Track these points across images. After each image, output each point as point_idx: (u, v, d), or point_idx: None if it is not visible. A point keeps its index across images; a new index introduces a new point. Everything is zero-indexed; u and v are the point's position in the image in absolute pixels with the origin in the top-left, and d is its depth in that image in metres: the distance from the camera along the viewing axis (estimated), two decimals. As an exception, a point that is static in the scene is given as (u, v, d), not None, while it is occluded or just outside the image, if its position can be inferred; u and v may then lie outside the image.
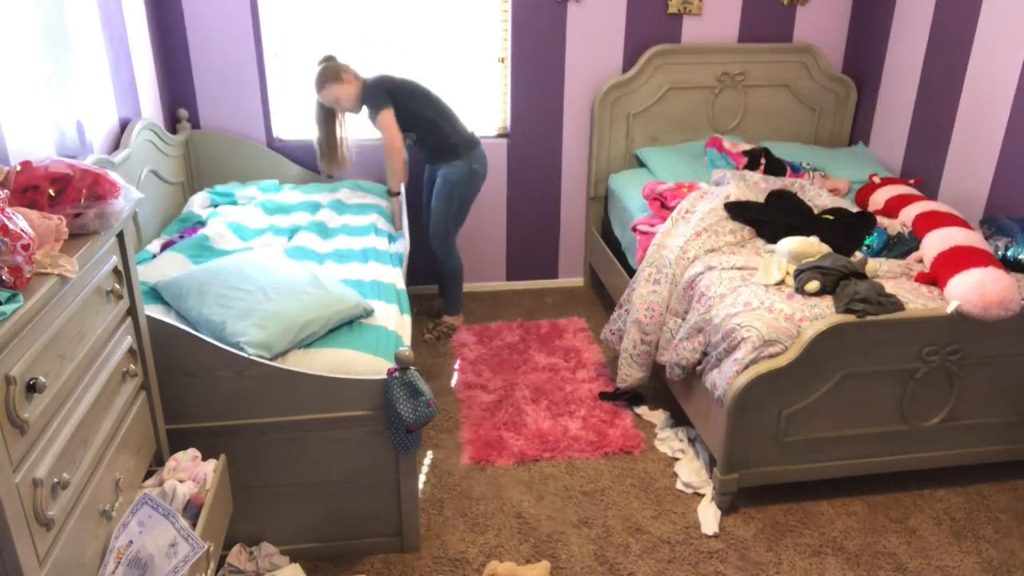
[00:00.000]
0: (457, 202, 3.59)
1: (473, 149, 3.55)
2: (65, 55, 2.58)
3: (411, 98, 3.44)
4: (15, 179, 1.58)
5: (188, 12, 3.62)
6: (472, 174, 3.56)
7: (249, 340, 2.20)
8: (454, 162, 3.52)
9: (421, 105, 3.45)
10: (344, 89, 3.41)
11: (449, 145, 3.51)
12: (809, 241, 2.77)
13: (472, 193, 3.63)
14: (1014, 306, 2.46)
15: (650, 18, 3.96)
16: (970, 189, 3.40)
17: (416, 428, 2.25)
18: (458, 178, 3.54)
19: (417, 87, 3.49)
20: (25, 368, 1.32)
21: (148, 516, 1.74)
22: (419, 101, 3.45)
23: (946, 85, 3.52)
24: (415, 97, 3.45)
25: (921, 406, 2.61)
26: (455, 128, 3.52)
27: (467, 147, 3.53)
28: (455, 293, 3.83)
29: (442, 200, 3.58)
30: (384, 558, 2.45)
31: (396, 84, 3.45)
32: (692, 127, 4.14)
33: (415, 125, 3.47)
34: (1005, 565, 2.45)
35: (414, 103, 3.44)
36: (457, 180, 3.54)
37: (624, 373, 3.09)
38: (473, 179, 3.58)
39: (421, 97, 3.46)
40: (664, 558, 2.46)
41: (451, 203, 3.58)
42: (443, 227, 3.63)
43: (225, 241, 3.01)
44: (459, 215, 3.66)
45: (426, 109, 3.45)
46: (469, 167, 3.53)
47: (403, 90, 3.44)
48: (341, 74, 3.40)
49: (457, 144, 3.51)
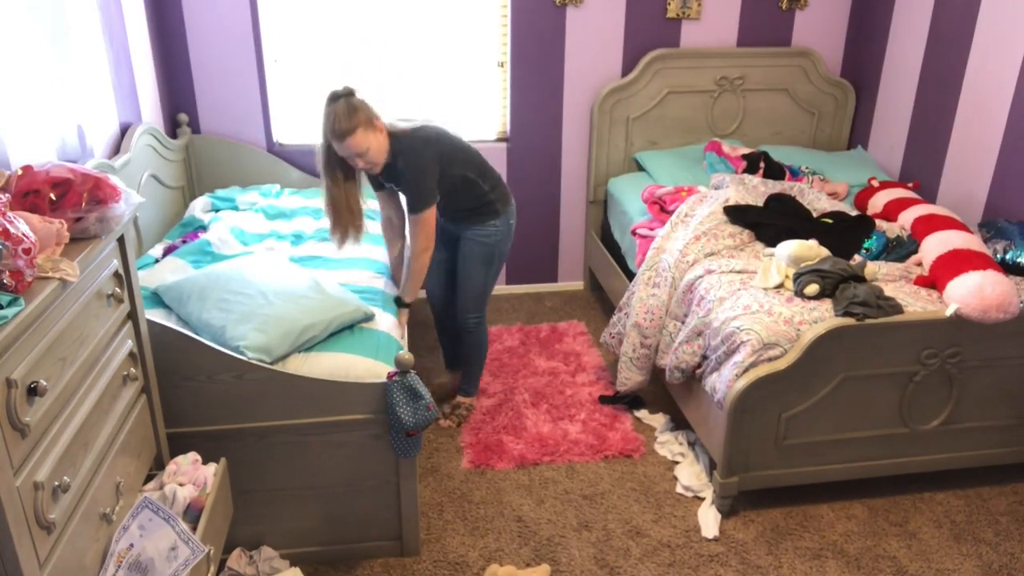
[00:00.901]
0: (497, 264, 3.00)
1: (509, 202, 2.95)
2: (66, 60, 2.59)
3: (455, 163, 2.76)
4: (16, 183, 1.58)
5: (188, 17, 3.63)
6: (509, 229, 2.98)
7: (249, 344, 2.20)
8: (493, 221, 2.89)
9: (463, 167, 2.78)
10: (375, 140, 2.59)
11: (486, 203, 2.87)
12: (808, 244, 2.77)
13: (507, 252, 3.04)
14: (1013, 309, 2.46)
15: (649, 22, 3.98)
16: (969, 192, 3.40)
17: (416, 432, 2.25)
18: (499, 238, 2.93)
19: (458, 144, 2.80)
20: (26, 372, 1.33)
21: (148, 520, 1.75)
22: (461, 163, 2.77)
23: (945, 89, 3.53)
24: (458, 160, 2.77)
25: (921, 409, 2.62)
26: (494, 182, 2.88)
27: (504, 201, 2.91)
28: (477, 371, 3.23)
29: (480, 265, 2.95)
30: (384, 562, 2.45)
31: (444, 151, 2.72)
32: (691, 131, 4.14)
33: (450, 191, 2.80)
34: (1005, 568, 2.45)
35: (456, 167, 2.76)
36: (498, 240, 2.93)
37: (624, 377, 3.09)
38: (511, 235, 3.00)
39: (464, 156, 2.79)
40: (664, 561, 2.46)
41: (491, 267, 2.98)
42: (481, 295, 3.02)
43: (227, 246, 3.02)
44: (495, 279, 3.07)
45: (468, 170, 2.79)
46: (507, 224, 2.94)
47: (451, 157, 2.74)
48: (372, 119, 2.58)
49: (494, 201, 2.88)
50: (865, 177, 3.73)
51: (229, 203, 3.55)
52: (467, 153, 2.80)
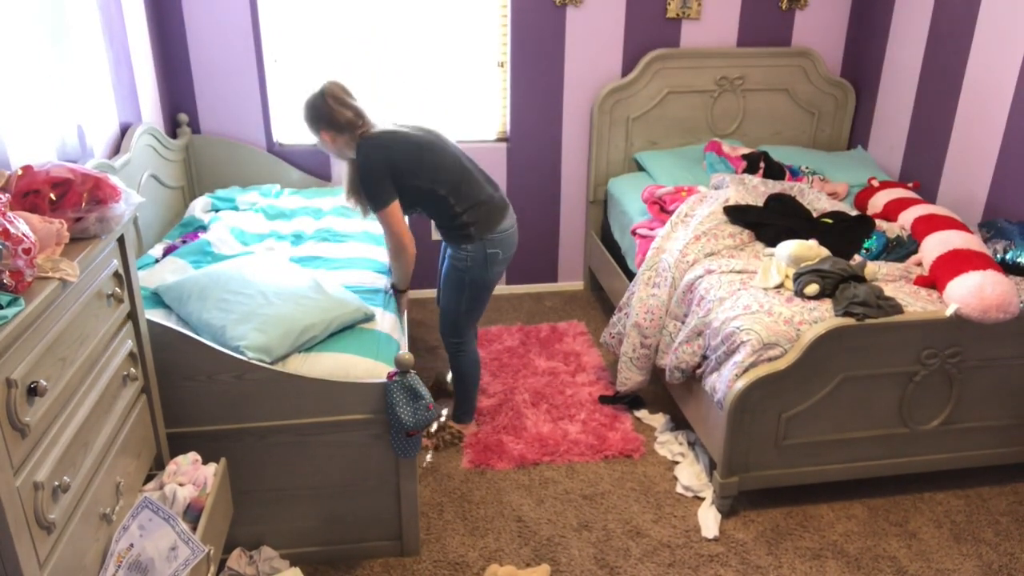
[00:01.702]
0: (469, 291, 2.81)
1: (492, 228, 2.72)
2: (66, 59, 2.59)
3: (414, 175, 2.63)
4: (16, 183, 1.58)
5: (188, 17, 3.63)
6: (487, 260, 2.75)
7: (249, 344, 2.20)
8: (465, 245, 2.73)
9: (426, 181, 2.65)
10: (326, 142, 2.68)
11: (459, 225, 2.71)
12: (808, 244, 2.77)
13: (489, 281, 2.82)
14: (1013, 309, 2.46)
15: (649, 22, 3.98)
16: (969, 192, 3.40)
17: (416, 432, 2.25)
18: (469, 264, 2.74)
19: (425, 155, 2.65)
20: (26, 371, 1.33)
21: (148, 520, 1.75)
22: (425, 176, 2.64)
23: (945, 88, 3.53)
24: (420, 172, 2.64)
25: (921, 409, 2.62)
26: (470, 204, 2.70)
27: (483, 227, 2.71)
28: (468, 396, 3.07)
29: (451, 289, 2.83)
30: (384, 562, 2.45)
31: (398, 159, 2.61)
32: (691, 131, 4.14)
33: (420, 202, 2.73)
34: (1005, 568, 2.45)
35: (418, 179, 2.64)
36: (468, 267, 2.75)
37: (624, 377, 3.09)
38: (489, 266, 2.76)
39: (429, 170, 2.65)
40: (664, 562, 2.46)
41: (461, 294, 2.82)
42: (454, 321, 2.90)
43: (227, 246, 3.02)
44: (474, 306, 2.87)
45: (434, 185, 2.66)
46: (483, 252, 2.73)
47: (405, 168, 2.62)
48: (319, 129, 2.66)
49: (468, 224, 2.70)
50: (865, 177, 3.73)
51: (229, 203, 3.55)
52: (435, 169, 2.65)
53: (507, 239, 2.79)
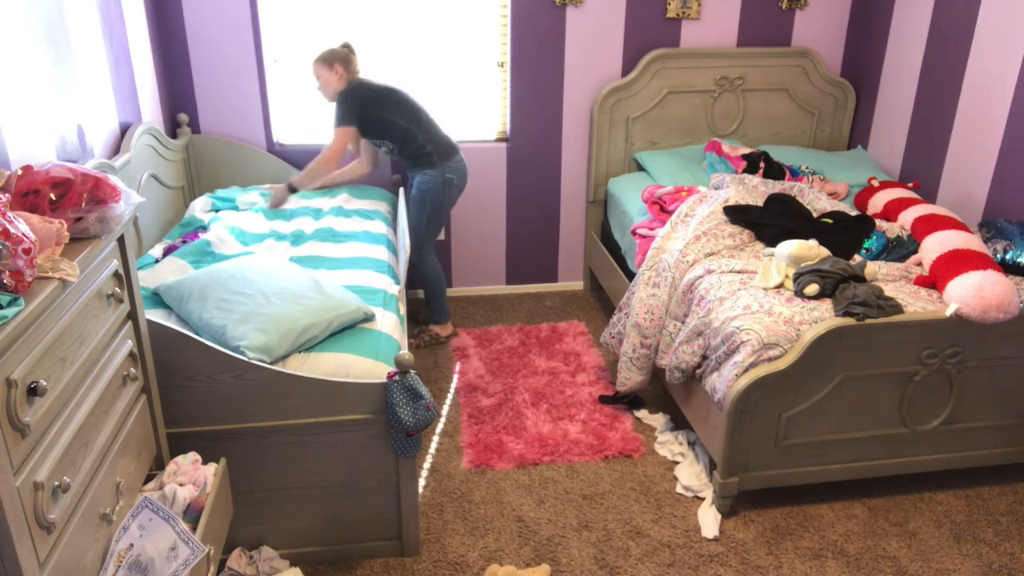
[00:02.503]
0: (430, 210, 3.55)
1: (449, 158, 3.51)
2: (66, 59, 2.59)
3: (383, 108, 3.42)
4: (16, 183, 1.58)
5: (188, 17, 3.63)
6: (445, 183, 3.52)
7: (249, 344, 2.20)
8: (428, 170, 3.50)
9: (393, 114, 3.42)
10: (326, 76, 3.42)
11: (423, 153, 3.48)
12: (808, 244, 2.77)
13: (446, 202, 3.59)
14: (1013, 309, 2.46)
15: (649, 22, 3.98)
16: (969, 192, 3.40)
17: (416, 432, 2.25)
18: (430, 186, 3.51)
19: (393, 95, 3.46)
20: (26, 371, 1.33)
21: (148, 520, 1.75)
22: (392, 110, 3.43)
23: (945, 88, 3.53)
24: (388, 106, 3.43)
25: (921, 409, 2.62)
26: (430, 136, 3.48)
27: (442, 155, 3.50)
28: (436, 300, 3.79)
29: (415, 207, 3.57)
30: (384, 562, 2.45)
31: (371, 94, 3.43)
32: (691, 131, 4.15)
33: (388, 133, 3.47)
34: (1005, 568, 2.45)
35: (387, 112, 3.42)
36: (429, 188, 3.51)
37: (624, 376, 3.09)
38: (447, 188, 3.54)
39: (395, 105, 3.43)
40: (664, 562, 2.46)
41: (423, 211, 3.55)
42: (417, 234, 3.61)
43: (226, 246, 3.02)
44: (433, 223, 3.61)
45: (399, 118, 3.43)
46: (442, 176, 3.50)
47: (377, 101, 3.42)
48: (335, 63, 3.40)
49: (431, 153, 3.48)
50: (865, 177, 3.73)
51: (229, 203, 3.55)
52: (402, 104, 3.45)
53: (460, 168, 3.57)
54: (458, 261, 4.31)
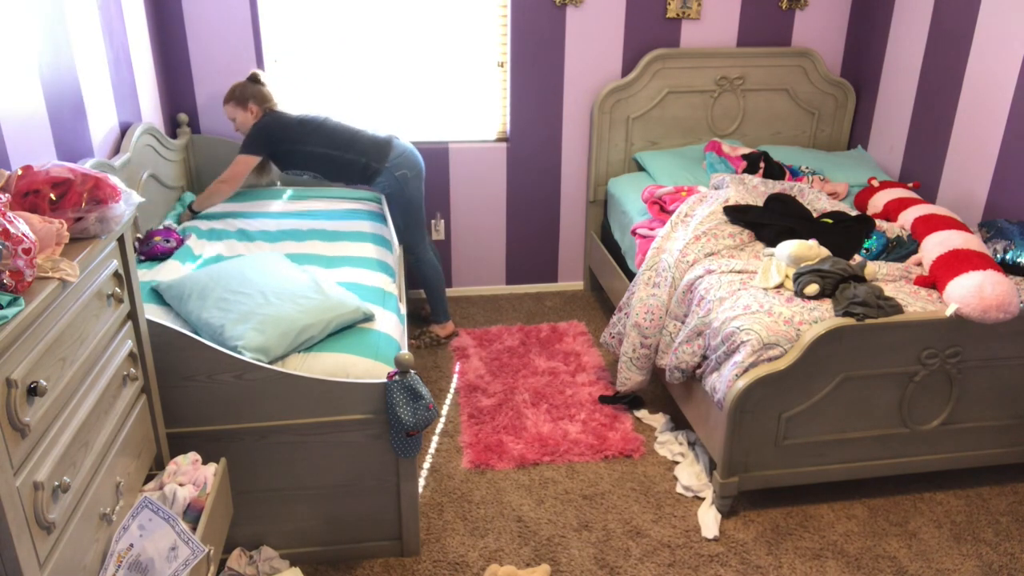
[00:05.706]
0: (403, 210, 3.49)
1: (385, 158, 3.39)
2: (66, 59, 2.58)
3: (297, 141, 3.34)
4: (16, 183, 1.58)
5: (188, 16, 3.63)
6: (400, 182, 3.43)
7: (247, 344, 2.20)
8: (377, 179, 3.42)
9: (312, 144, 3.35)
10: (242, 116, 3.38)
11: (359, 169, 3.40)
12: (808, 244, 2.77)
13: (413, 198, 3.50)
14: (1013, 309, 2.46)
15: (649, 22, 3.98)
16: (969, 192, 3.40)
17: (416, 432, 2.25)
18: (390, 191, 3.46)
19: (306, 126, 3.36)
20: (26, 372, 1.33)
21: (148, 520, 1.75)
22: (310, 141, 3.34)
23: (945, 88, 3.53)
24: (302, 138, 3.34)
25: (921, 409, 2.62)
26: (357, 150, 3.37)
27: (379, 160, 3.38)
28: (436, 299, 3.77)
29: (394, 215, 3.50)
30: (384, 562, 2.45)
31: (284, 131, 3.35)
32: (691, 131, 4.14)
33: (308, 164, 3.40)
34: (1005, 568, 2.45)
35: (301, 144, 3.34)
36: (390, 194, 3.47)
37: (624, 377, 3.09)
38: (404, 185, 3.44)
39: (310, 135, 3.35)
40: (664, 562, 2.46)
41: (397, 214, 3.50)
42: (403, 238, 3.53)
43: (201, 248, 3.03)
44: (413, 223, 3.55)
45: (316, 147, 3.35)
46: (392, 177, 3.41)
47: (289, 137, 3.34)
48: (247, 102, 3.36)
49: (366, 164, 3.38)
50: (865, 177, 3.73)
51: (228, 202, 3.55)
52: (316, 134, 3.36)
53: (404, 160, 3.44)
54: (458, 261, 4.31)
